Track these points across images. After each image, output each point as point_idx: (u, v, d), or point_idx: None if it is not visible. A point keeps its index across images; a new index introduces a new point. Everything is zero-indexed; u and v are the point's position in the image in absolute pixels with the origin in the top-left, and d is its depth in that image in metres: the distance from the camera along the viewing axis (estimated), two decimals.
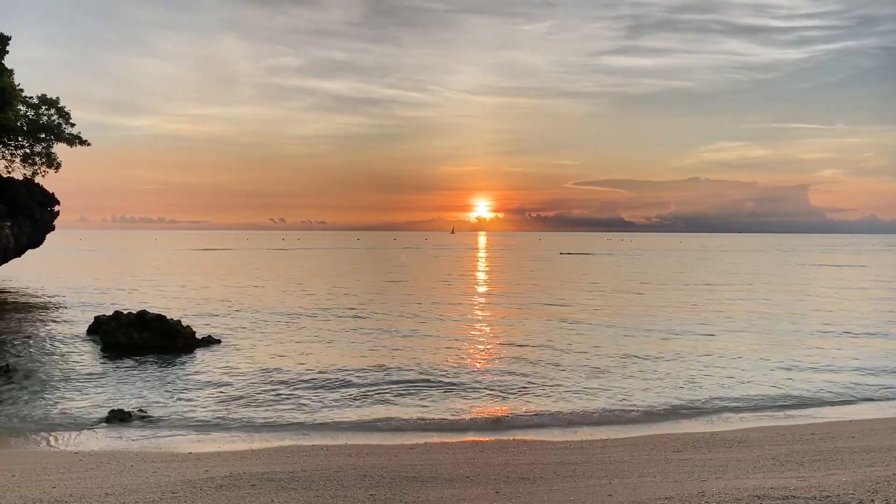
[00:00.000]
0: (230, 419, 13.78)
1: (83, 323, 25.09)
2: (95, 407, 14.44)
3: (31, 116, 43.28)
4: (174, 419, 13.76)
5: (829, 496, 6.27)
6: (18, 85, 40.77)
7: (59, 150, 44.66)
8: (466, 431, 13.20)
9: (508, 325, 28.10)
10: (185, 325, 21.55)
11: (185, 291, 40.72)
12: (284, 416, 14.05)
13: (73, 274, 54.83)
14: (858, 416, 14.10)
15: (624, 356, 20.37)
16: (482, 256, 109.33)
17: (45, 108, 43.54)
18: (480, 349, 22.35)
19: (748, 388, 16.61)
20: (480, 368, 18.95)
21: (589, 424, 13.60)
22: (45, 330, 24.84)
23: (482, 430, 13.30)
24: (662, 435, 12.24)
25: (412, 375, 17.48)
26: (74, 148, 44.76)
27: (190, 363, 19.10)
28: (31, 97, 43.03)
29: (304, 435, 12.75)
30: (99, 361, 19.33)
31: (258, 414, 14.15)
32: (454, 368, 18.55)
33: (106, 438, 12.45)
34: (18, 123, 42.29)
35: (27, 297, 36.14)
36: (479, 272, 68.81)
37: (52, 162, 44.43)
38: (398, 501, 7.34)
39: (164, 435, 12.71)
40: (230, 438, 12.55)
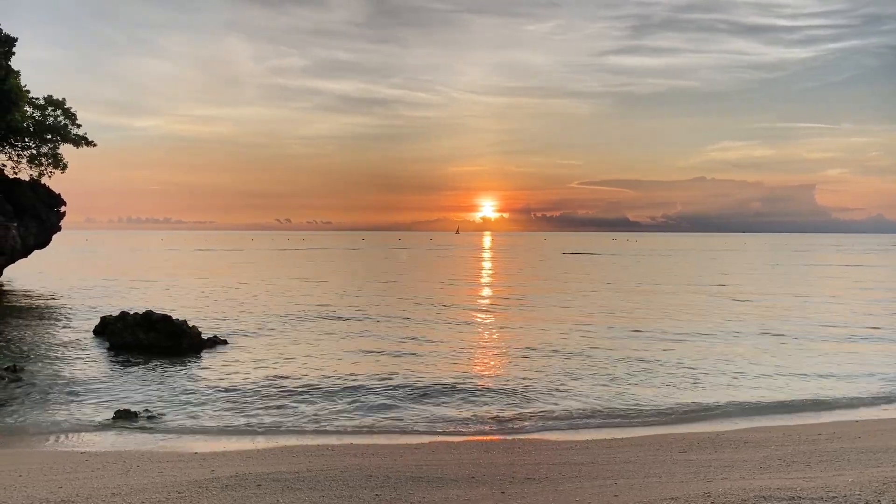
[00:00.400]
0: (236, 420, 13.80)
1: (89, 323, 25.17)
2: (102, 407, 14.49)
3: (37, 117, 43.44)
4: (180, 420, 13.79)
5: (835, 497, 6.24)
6: (25, 86, 40.99)
7: (65, 150, 44.99)
8: (471, 432, 13.19)
9: (513, 326, 28.07)
10: (190, 325, 21.59)
11: (190, 292, 40.78)
12: (290, 416, 14.06)
13: (79, 274, 54.97)
14: (864, 416, 14.06)
15: (629, 357, 20.33)
16: (487, 257, 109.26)
17: (51, 109, 43.73)
18: (485, 351, 22.36)
19: (754, 388, 16.57)
20: (485, 370, 18.96)
21: (594, 425, 13.58)
22: (51, 330, 24.93)
23: (487, 430, 13.30)
24: (668, 435, 12.22)
25: (418, 377, 17.48)
26: (80, 149, 45.04)
27: (196, 364, 19.14)
28: (37, 98, 43.21)
29: (309, 435, 12.77)
30: (105, 362, 19.38)
31: (263, 415, 14.16)
32: (459, 370, 18.55)
33: (112, 439, 12.49)
34: (25, 124, 42.47)
35: (34, 297, 36.27)
36: (483, 273, 68.77)
37: (58, 163, 44.62)
38: (403, 502, 7.35)
39: (169, 435, 12.75)
40: (236, 439, 12.58)
